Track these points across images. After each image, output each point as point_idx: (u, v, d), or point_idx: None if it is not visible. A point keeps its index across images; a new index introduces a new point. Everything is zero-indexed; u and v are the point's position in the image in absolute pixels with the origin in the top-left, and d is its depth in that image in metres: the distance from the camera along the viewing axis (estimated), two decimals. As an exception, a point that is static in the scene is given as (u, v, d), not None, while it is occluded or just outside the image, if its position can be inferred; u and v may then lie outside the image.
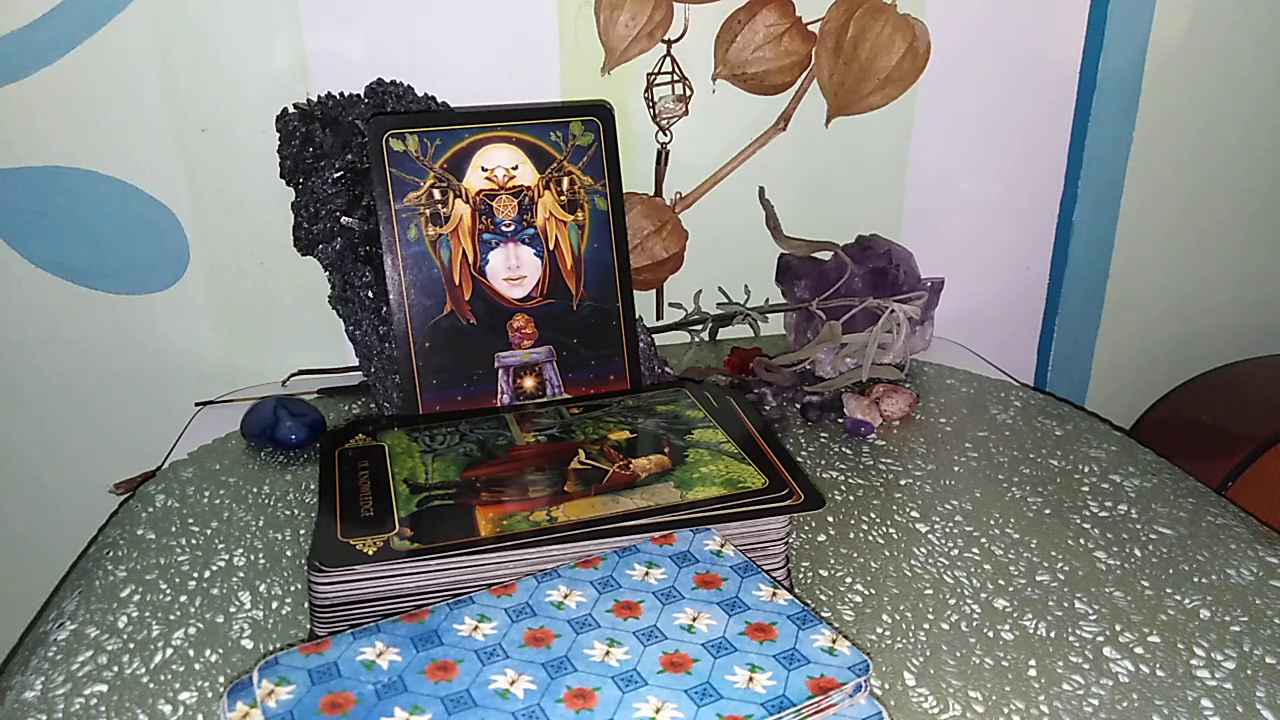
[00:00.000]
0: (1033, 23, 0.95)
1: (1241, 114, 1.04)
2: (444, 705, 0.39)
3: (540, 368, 0.73)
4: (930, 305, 0.91)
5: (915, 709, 0.50)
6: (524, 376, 0.73)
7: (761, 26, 0.84)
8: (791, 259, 0.92)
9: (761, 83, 0.87)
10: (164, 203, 0.86)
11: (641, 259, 0.89)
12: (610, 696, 0.40)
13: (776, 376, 0.84)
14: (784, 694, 0.40)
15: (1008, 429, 0.79)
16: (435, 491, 0.57)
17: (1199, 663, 0.53)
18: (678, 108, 0.88)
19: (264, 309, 0.91)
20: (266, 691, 0.40)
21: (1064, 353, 1.10)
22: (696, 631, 0.44)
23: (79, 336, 0.89)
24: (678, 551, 0.50)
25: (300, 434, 0.76)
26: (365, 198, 0.77)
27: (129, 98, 0.82)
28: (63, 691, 0.52)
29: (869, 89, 0.85)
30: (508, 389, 0.73)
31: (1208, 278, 1.12)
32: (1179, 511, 0.67)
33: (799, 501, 0.55)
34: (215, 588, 0.60)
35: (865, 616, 0.57)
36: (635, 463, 0.59)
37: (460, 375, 0.72)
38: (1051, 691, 0.51)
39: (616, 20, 0.82)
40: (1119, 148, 1.02)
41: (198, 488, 0.72)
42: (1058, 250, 1.06)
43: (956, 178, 1.00)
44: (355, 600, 0.52)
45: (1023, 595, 0.58)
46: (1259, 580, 0.59)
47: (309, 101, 0.83)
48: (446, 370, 0.72)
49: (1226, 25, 1.00)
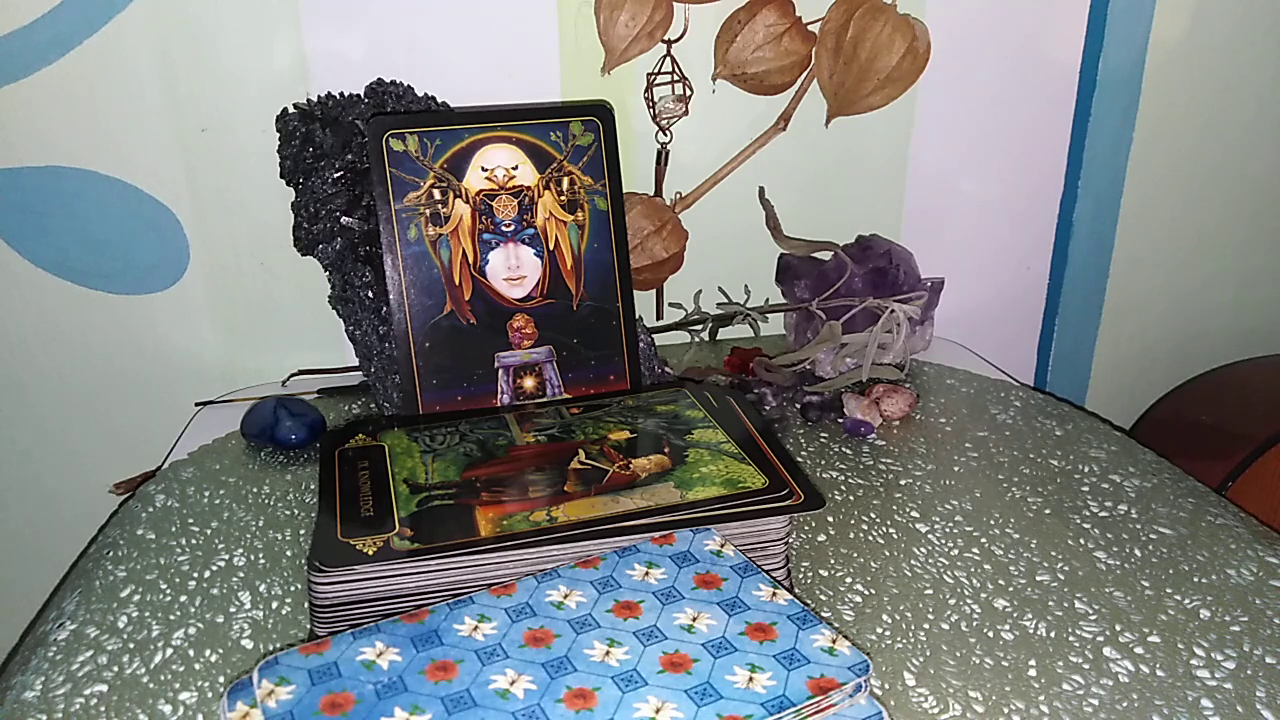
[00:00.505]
0: (1033, 23, 0.95)
1: (1241, 114, 1.04)
2: (444, 705, 0.39)
3: (540, 368, 0.73)
4: (930, 305, 0.91)
5: (915, 709, 0.50)
6: (524, 376, 0.73)
7: (761, 26, 0.84)
8: (791, 259, 0.92)
9: (761, 83, 0.87)
10: (164, 203, 0.86)
11: (641, 259, 0.89)
12: (610, 696, 0.40)
13: (776, 376, 0.84)
14: (784, 694, 0.40)
15: (1008, 429, 0.79)
16: (435, 491, 0.57)
17: (1199, 663, 0.53)
18: (678, 108, 0.88)
19: (264, 309, 0.91)
20: (266, 691, 0.40)
21: (1064, 353, 1.10)
22: (696, 631, 0.44)
23: (79, 336, 0.89)
24: (678, 551, 0.50)
25: (300, 434, 0.76)
26: (365, 198, 0.77)
27: (129, 98, 0.82)
28: (63, 691, 0.52)
29: (869, 89, 0.85)
30: (508, 389, 0.73)
31: (1208, 278, 1.12)
32: (1179, 511, 0.67)
33: (799, 501, 0.55)
34: (215, 588, 0.60)
35: (865, 616, 0.57)
36: (635, 463, 0.59)
37: (460, 375, 0.72)
38: (1051, 691, 0.51)
39: (616, 20, 0.82)
40: (1119, 148, 1.02)
41: (198, 488, 0.72)
42: (1058, 250, 1.06)
43: (956, 178, 1.00)
44: (355, 600, 0.52)
45: (1023, 595, 0.58)
46: (1259, 580, 0.59)
47: (309, 101, 0.83)
48: (446, 370, 0.72)
49: (1226, 25, 1.00)
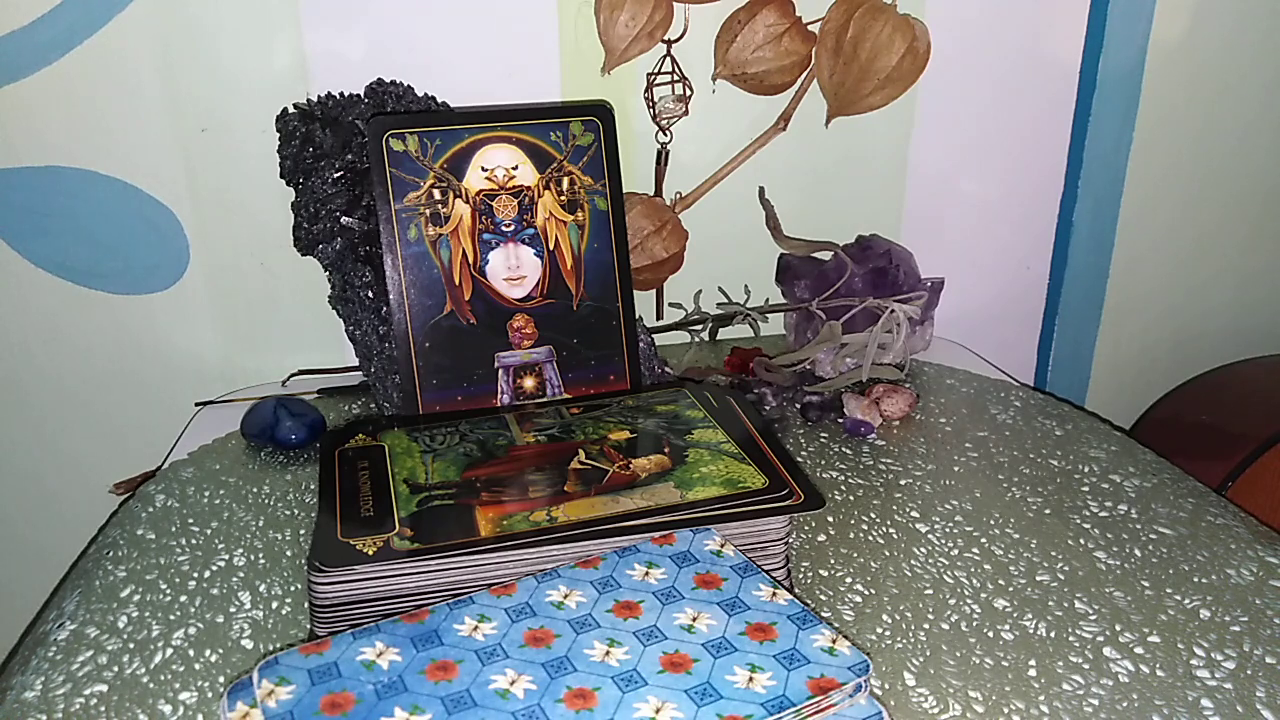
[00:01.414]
0: (1033, 23, 0.95)
1: (1241, 114, 1.04)
2: (444, 705, 0.39)
3: (540, 368, 0.73)
4: (930, 305, 0.91)
5: (915, 709, 0.50)
6: (524, 376, 0.73)
7: (761, 26, 0.84)
8: (791, 259, 0.92)
9: (761, 83, 0.87)
10: (164, 203, 0.86)
11: (641, 259, 0.89)
12: (610, 696, 0.40)
13: (776, 376, 0.84)
14: (784, 694, 0.40)
15: (1008, 429, 0.79)
16: (435, 491, 0.57)
17: (1199, 663, 0.53)
18: (678, 108, 0.88)
19: (264, 309, 0.91)
20: (266, 691, 0.40)
21: (1064, 353, 1.10)
22: (696, 631, 0.44)
23: (79, 336, 0.89)
24: (678, 551, 0.50)
25: (300, 434, 0.76)
26: (365, 198, 0.77)
27: (129, 98, 0.82)
28: (63, 691, 0.52)
29: (869, 89, 0.85)
30: (508, 389, 0.73)
31: (1208, 278, 1.12)
32: (1179, 511, 0.67)
33: (799, 501, 0.55)
34: (215, 588, 0.60)
35: (865, 616, 0.57)
36: (635, 463, 0.59)
37: (460, 375, 0.72)
38: (1051, 691, 0.51)
39: (616, 20, 0.82)
40: (1119, 148, 1.02)
41: (198, 488, 0.72)
42: (1058, 250, 1.06)
43: (956, 178, 1.00)
44: (355, 600, 0.52)
45: (1023, 595, 0.58)
46: (1259, 580, 0.59)
47: (309, 101, 0.83)
48: (446, 370, 0.72)
49: (1226, 25, 1.00)
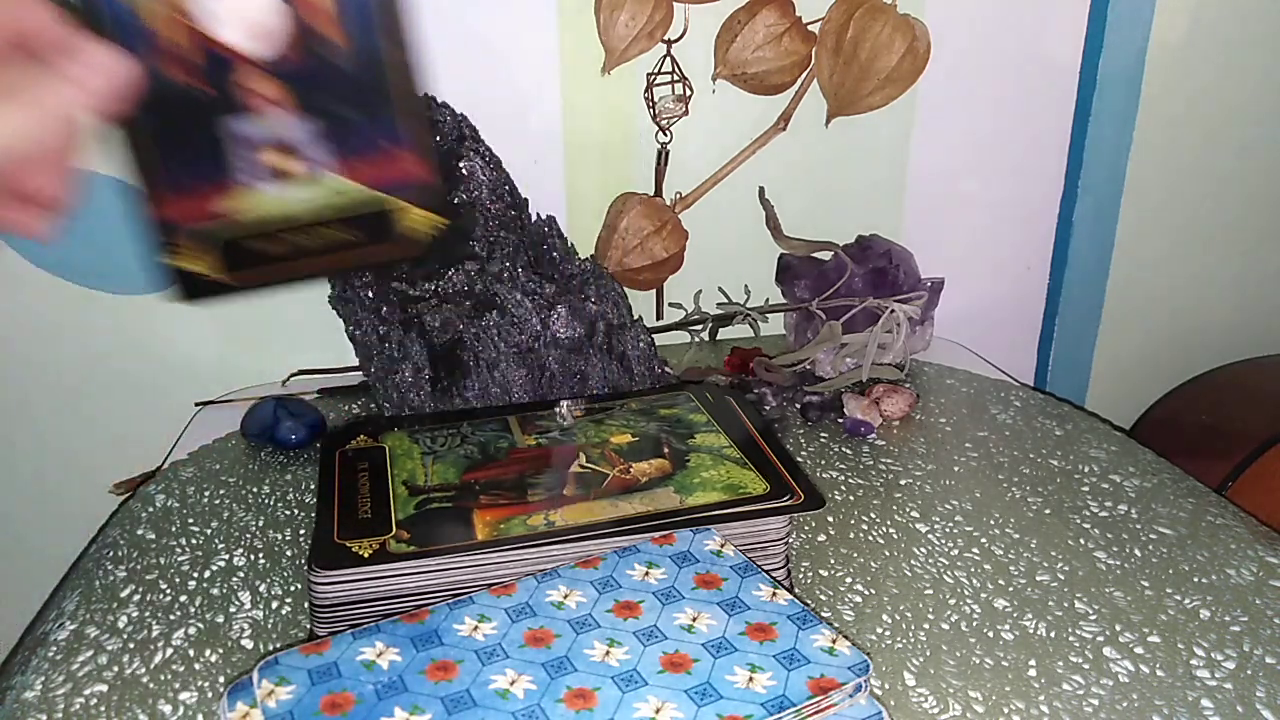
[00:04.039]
0: (1033, 23, 0.95)
1: (1242, 114, 1.04)
2: (444, 705, 0.39)
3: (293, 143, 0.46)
4: (930, 305, 0.91)
5: (915, 709, 0.50)
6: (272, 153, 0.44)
7: (761, 26, 0.84)
8: (791, 259, 0.92)
9: (761, 83, 0.87)
10: (164, 203, 0.86)
11: (641, 259, 0.89)
12: (610, 696, 0.40)
13: (776, 376, 0.84)
14: (784, 694, 0.40)
15: (1008, 429, 0.79)
16: (434, 494, 0.57)
17: (1199, 663, 0.53)
18: (678, 108, 0.88)
19: (264, 309, 0.91)
20: (266, 691, 0.40)
21: (1064, 353, 1.10)
22: (696, 631, 0.44)
23: (79, 337, 0.89)
24: (678, 551, 0.50)
25: (300, 434, 0.76)
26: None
27: (129, 98, 0.82)
28: (63, 691, 0.52)
29: (869, 89, 0.85)
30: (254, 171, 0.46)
31: (1208, 278, 1.12)
32: (1179, 511, 0.67)
33: (799, 501, 0.55)
34: (215, 588, 0.60)
35: (865, 616, 0.57)
36: (636, 467, 0.59)
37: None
38: (1051, 691, 0.51)
39: (616, 20, 0.82)
40: (1119, 148, 1.02)
41: (198, 488, 0.72)
42: (1058, 250, 1.05)
43: (956, 178, 1.00)
44: (355, 600, 0.52)
45: (1023, 595, 0.58)
46: (1259, 580, 0.59)
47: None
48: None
49: (1226, 25, 0.99)
